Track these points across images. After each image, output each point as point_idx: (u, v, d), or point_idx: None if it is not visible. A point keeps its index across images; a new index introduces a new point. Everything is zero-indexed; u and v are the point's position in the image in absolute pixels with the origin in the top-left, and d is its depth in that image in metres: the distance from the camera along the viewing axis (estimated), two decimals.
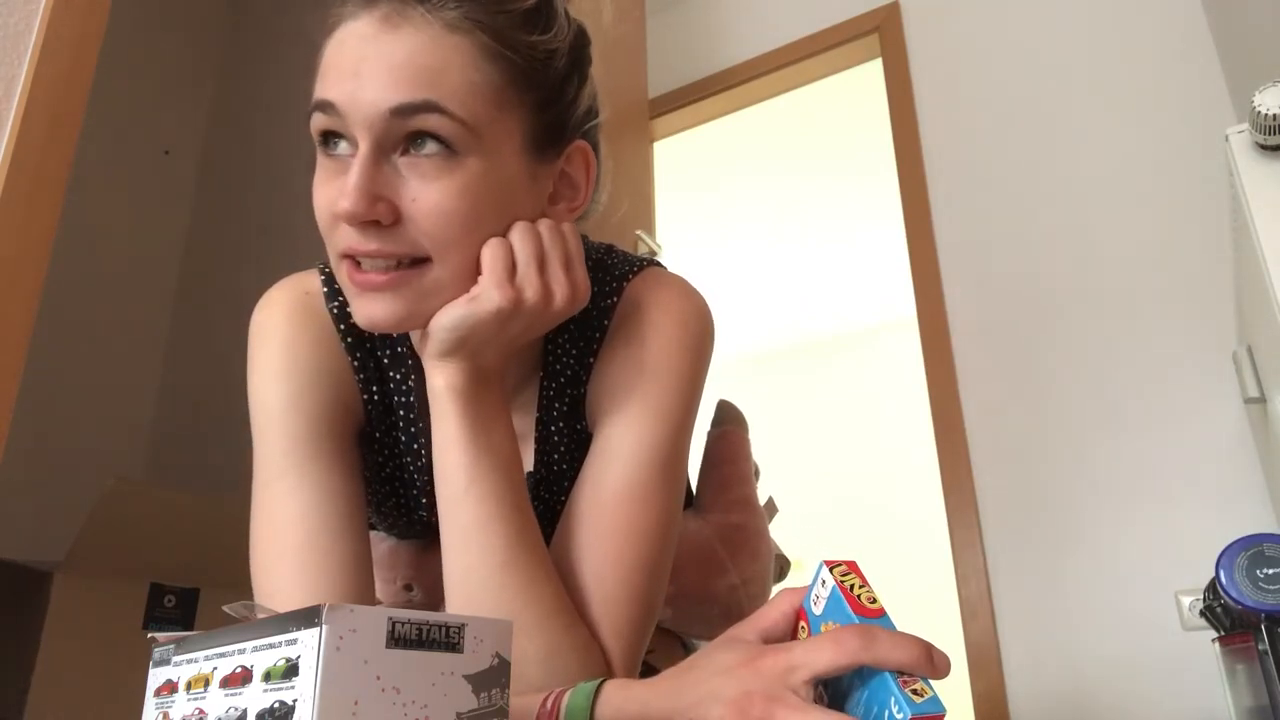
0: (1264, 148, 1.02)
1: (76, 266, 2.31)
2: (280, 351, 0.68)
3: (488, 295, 0.58)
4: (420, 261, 0.59)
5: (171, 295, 2.74)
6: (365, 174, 0.56)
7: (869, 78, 2.45)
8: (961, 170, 2.15)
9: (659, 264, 0.78)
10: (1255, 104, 0.98)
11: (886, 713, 0.41)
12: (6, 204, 1.12)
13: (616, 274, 0.73)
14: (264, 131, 2.73)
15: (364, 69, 0.57)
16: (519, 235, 0.60)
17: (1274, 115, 0.97)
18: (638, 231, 2.06)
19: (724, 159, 3.49)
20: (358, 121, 0.57)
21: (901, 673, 0.42)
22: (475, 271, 0.60)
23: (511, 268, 0.59)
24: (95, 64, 1.28)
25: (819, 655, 0.42)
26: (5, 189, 1.13)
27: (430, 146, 0.57)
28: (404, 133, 0.57)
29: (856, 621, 0.44)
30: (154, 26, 2.77)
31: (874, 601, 0.45)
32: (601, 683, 0.50)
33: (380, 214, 0.57)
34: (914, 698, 0.41)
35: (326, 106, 0.58)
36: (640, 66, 2.25)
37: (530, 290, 0.59)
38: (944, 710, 0.41)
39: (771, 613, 0.49)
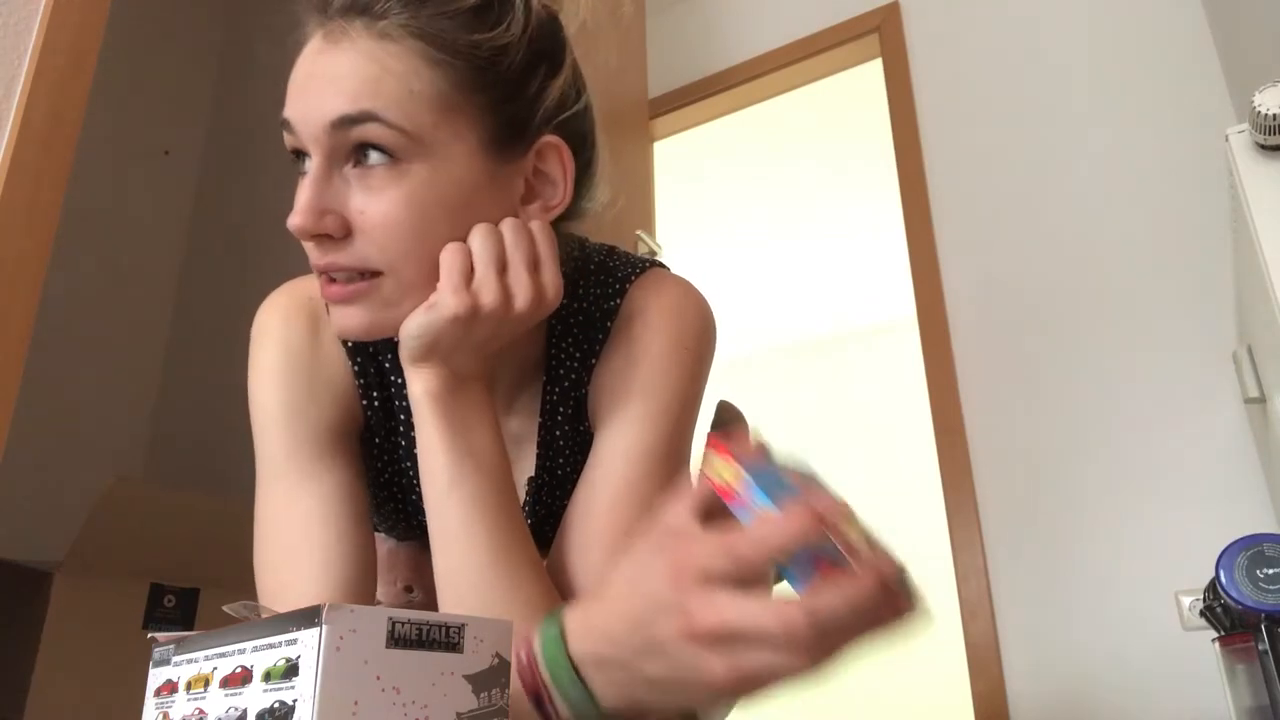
0: (1264, 148, 1.02)
1: (76, 266, 2.31)
2: (279, 355, 0.68)
3: (444, 302, 0.58)
4: (375, 274, 0.59)
5: (171, 295, 2.74)
6: (313, 190, 0.58)
7: (869, 78, 2.45)
8: (961, 170, 2.15)
9: (662, 265, 0.77)
10: (1255, 104, 0.98)
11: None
12: (6, 204, 1.12)
13: (619, 276, 0.73)
14: (264, 132, 2.73)
15: (310, 85, 0.59)
16: (478, 238, 0.60)
17: (1274, 115, 0.97)
18: (638, 231, 2.06)
19: (724, 159, 3.49)
20: (308, 136, 0.59)
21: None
22: (438, 276, 0.60)
23: (469, 272, 0.59)
24: (95, 64, 1.28)
25: (771, 539, 0.42)
26: (5, 189, 1.13)
27: (374, 157, 0.58)
28: (349, 145, 0.58)
29: (792, 490, 0.44)
30: (154, 27, 2.77)
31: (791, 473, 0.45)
32: (562, 624, 0.50)
33: (329, 228, 0.58)
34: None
35: (286, 124, 0.60)
36: (640, 66, 2.25)
37: (487, 295, 0.58)
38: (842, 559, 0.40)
39: (701, 491, 0.48)
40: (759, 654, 0.41)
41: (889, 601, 0.41)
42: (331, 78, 0.58)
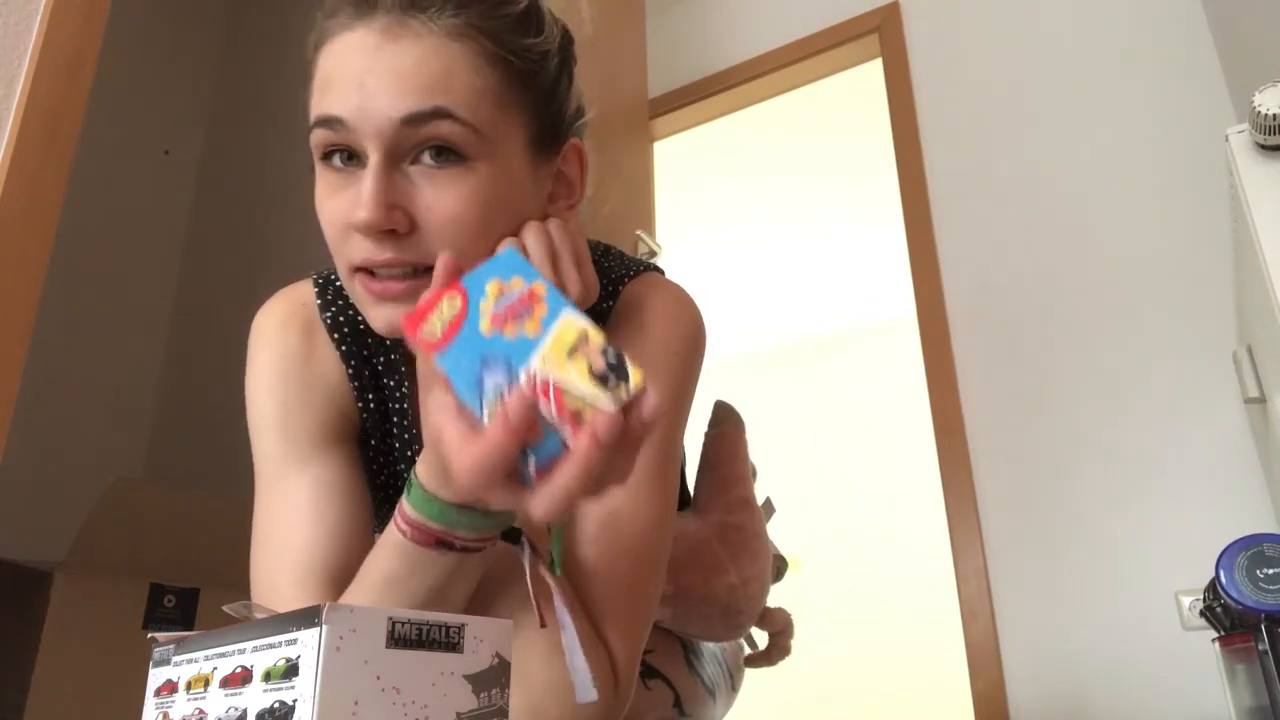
0: (1264, 148, 1.02)
1: (76, 266, 2.31)
2: (274, 359, 0.69)
3: None
4: (428, 269, 0.59)
5: (171, 295, 2.74)
6: (380, 184, 0.57)
7: (869, 78, 2.45)
8: (961, 170, 2.15)
9: (656, 268, 0.78)
10: (1255, 104, 0.98)
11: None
12: (6, 204, 1.12)
13: (613, 277, 0.74)
14: (264, 131, 2.73)
15: (370, 80, 0.57)
16: (532, 235, 0.61)
17: (1274, 115, 0.97)
18: (638, 231, 2.06)
19: (724, 159, 3.49)
20: (368, 133, 0.57)
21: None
22: None
23: None
24: (95, 64, 1.28)
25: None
26: (5, 189, 1.13)
27: (442, 153, 0.58)
28: (415, 141, 0.58)
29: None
30: (154, 26, 2.77)
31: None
32: (417, 482, 0.52)
33: (396, 223, 0.57)
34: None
35: (332, 122, 0.58)
36: (640, 66, 2.25)
37: None
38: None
39: None
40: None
41: (619, 450, 0.42)
42: (398, 74, 0.57)
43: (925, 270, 2.11)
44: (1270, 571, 0.93)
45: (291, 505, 0.65)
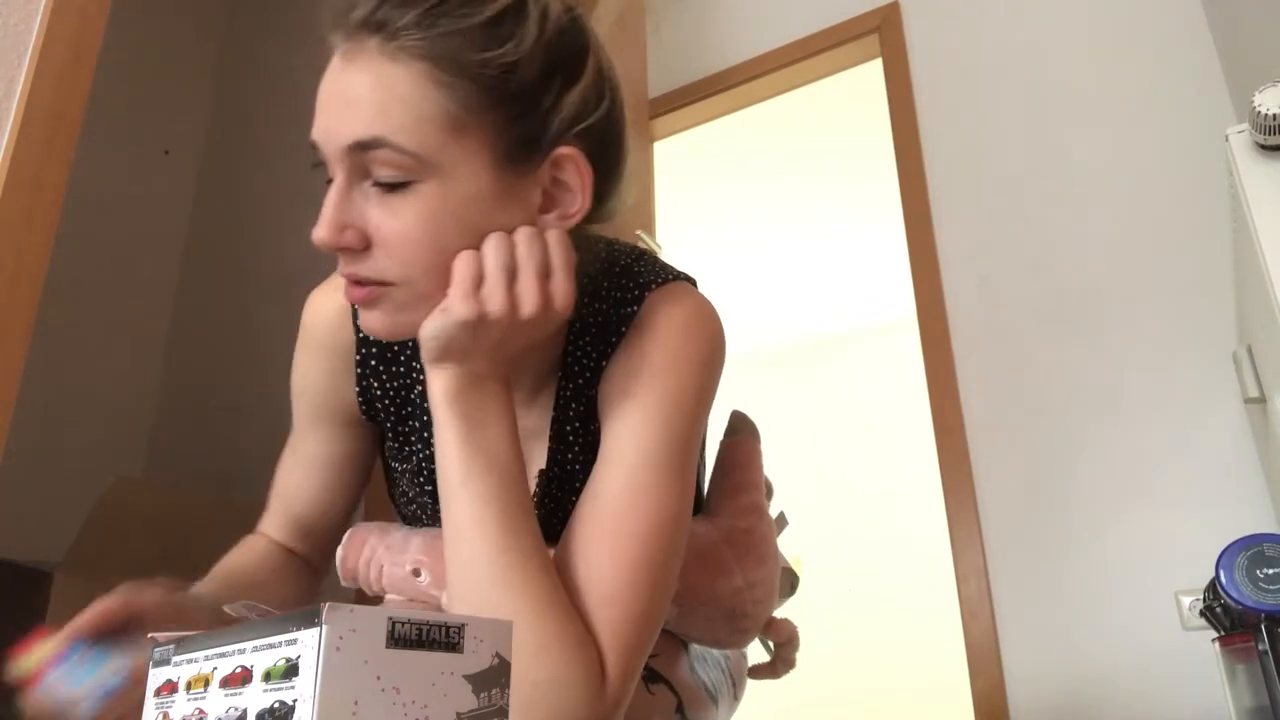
0: (1264, 148, 1.02)
1: (77, 266, 2.31)
2: (302, 343, 0.82)
3: (453, 308, 0.61)
4: (389, 283, 0.63)
5: (171, 295, 2.74)
6: (333, 205, 0.61)
7: (869, 78, 2.45)
8: (961, 170, 2.15)
9: (687, 279, 0.78)
10: (1255, 104, 0.99)
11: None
12: (6, 204, 1.13)
13: (640, 283, 0.74)
14: (264, 131, 2.73)
15: (328, 106, 0.62)
16: (490, 247, 0.62)
17: (1274, 115, 0.97)
18: (638, 231, 2.07)
19: (724, 159, 3.49)
20: (330, 156, 0.62)
21: None
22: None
23: (479, 280, 0.61)
24: (95, 64, 1.28)
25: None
26: (5, 189, 1.13)
27: (386, 176, 0.60)
28: (364, 165, 0.61)
29: None
30: (154, 26, 2.77)
31: None
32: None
33: (349, 241, 0.61)
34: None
35: (312, 144, 0.63)
36: (640, 66, 2.25)
37: (494, 302, 0.60)
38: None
39: None
40: None
41: None
42: (347, 100, 0.60)
43: (925, 270, 2.11)
44: (1270, 571, 0.93)
45: (293, 460, 0.85)
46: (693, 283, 0.79)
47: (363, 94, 0.60)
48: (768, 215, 3.95)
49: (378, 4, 0.60)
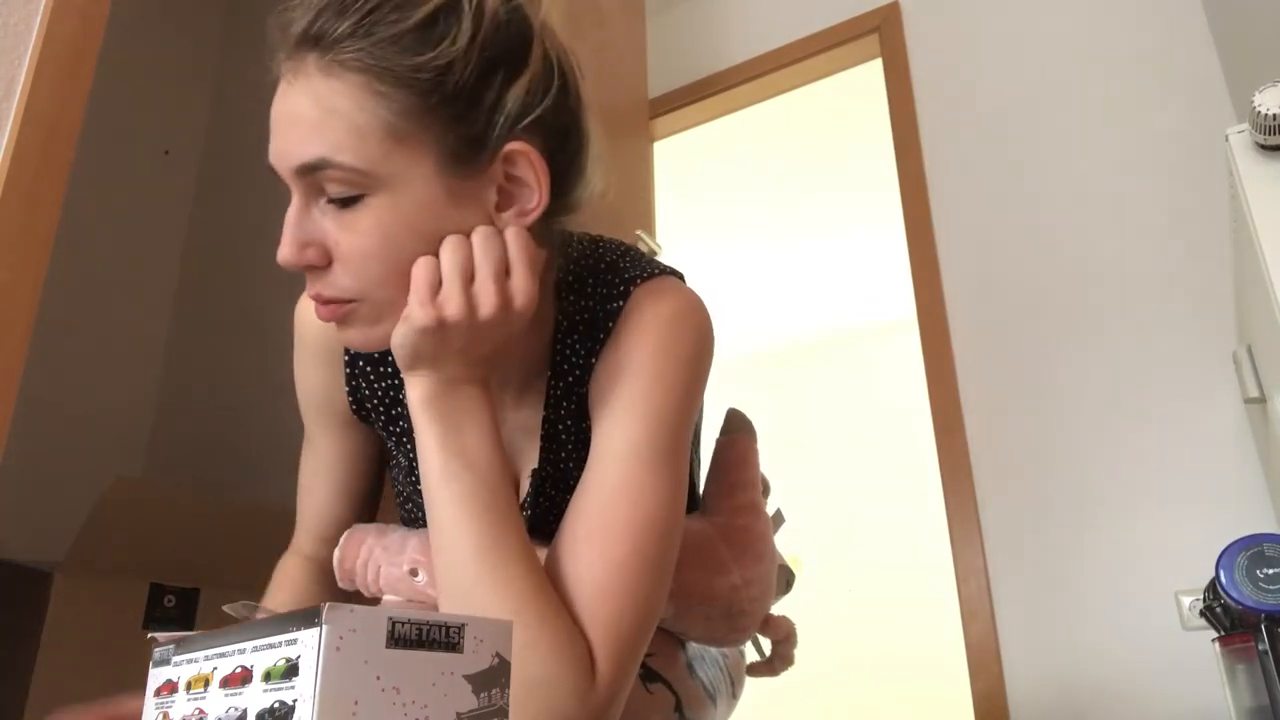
0: (1264, 148, 1.02)
1: (76, 266, 2.31)
2: (298, 349, 0.84)
3: (412, 315, 0.61)
4: (352, 299, 0.64)
5: (171, 295, 2.74)
6: (293, 224, 0.62)
7: (869, 78, 2.45)
8: (961, 170, 2.15)
9: (673, 272, 0.78)
10: (1255, 104, 0.99)
11: None
12: (6, 204, 1.12)
13: (626, 278, 0.74)
14: (264, 131, 2.73)
15: (276, 129, 0.63)
16: (445, 251, 0.62)
17: (1274, 115, 0.97)
18: (637, 231, 2.06)
19: (724, 159, 3.49)
20: (284, 177, 0.63)
21: None
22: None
23: (436, 285, 0.61)
24: (95, 64, 1.28)
25: None
26: (5, 189, 1.13)
27: (337, 192, 0.61)
28: (316, 183, 0.61)
29: None
30: (154, 26, 2.77)
31: None
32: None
33: (312, 258, 0.62)
34: None
35: (270, 166, 0.64)
36: (640, 66, 2.25)
37: (451, 306, 0.60)
38: None
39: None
40: None
41: None
42: (290, 122, 0.61)
43: (925, 270, 2.11)
44: (1270, 571, 0.93)
45: (307, 462, 0.88)
46: (680, 277, 0.78)
47: (303, 114, 0.60)
48: (768, 215, 3.95)
49: (314, 17, 0.60)
